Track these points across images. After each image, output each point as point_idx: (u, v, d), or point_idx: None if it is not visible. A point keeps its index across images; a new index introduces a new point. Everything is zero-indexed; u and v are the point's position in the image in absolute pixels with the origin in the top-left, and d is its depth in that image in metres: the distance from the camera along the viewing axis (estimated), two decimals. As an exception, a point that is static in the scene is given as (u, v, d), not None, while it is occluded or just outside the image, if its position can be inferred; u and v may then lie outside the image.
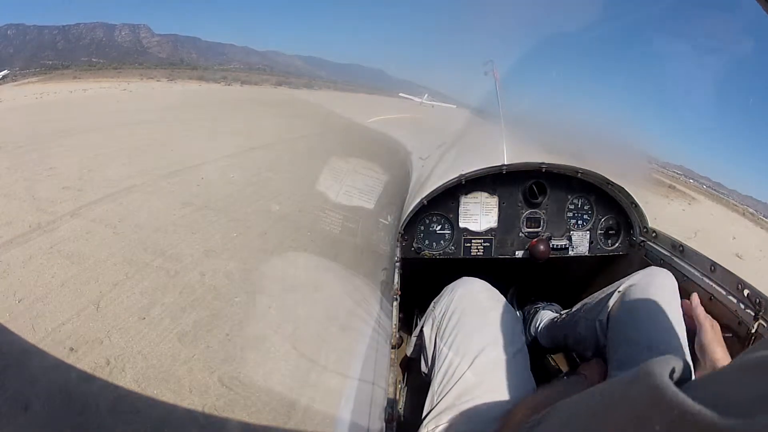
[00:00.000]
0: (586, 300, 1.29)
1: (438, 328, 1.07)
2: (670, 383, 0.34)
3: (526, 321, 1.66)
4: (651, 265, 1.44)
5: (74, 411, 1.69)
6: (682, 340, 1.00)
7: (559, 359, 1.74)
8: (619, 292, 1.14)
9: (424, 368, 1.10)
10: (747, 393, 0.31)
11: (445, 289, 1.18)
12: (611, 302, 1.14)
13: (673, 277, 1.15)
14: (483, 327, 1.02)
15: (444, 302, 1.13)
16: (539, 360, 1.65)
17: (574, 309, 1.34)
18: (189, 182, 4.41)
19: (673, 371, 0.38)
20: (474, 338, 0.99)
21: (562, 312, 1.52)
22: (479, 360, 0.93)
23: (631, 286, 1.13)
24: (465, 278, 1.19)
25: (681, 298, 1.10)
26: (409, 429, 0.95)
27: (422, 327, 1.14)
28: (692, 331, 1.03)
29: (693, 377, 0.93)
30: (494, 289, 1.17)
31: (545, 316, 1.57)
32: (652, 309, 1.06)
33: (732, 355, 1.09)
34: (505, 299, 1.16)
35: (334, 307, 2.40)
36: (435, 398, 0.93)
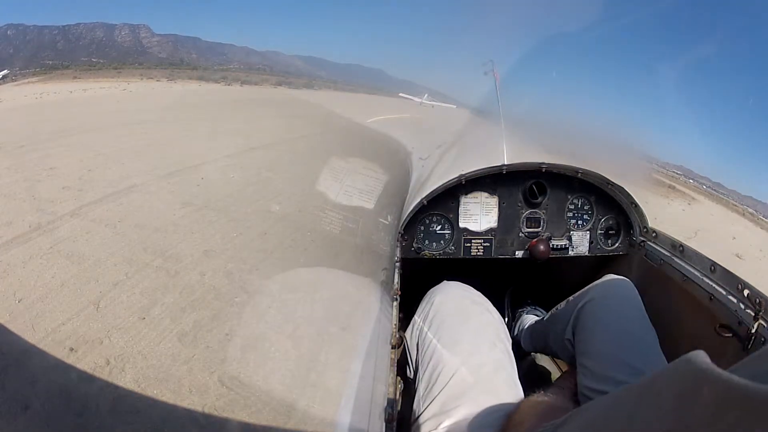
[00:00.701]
0: (552, 311, 1.30)
1: (419, 335, 1.07)
2: (713, 365, 0.34)
3: (513, 323, 1.67)
4: (651, 265, 1.44)
5: (74, 411, 1.69)
6: (650, 345, 1.00)
7: (543, 362, 1.75)
8: (580, 306, 1.14)
9: (409, 374, 1.10)
10: None
11: (426, 294, 1.18)
12: (574, 317, 1.14)
13: (632, 284, 1.16)
14: (464, 332, 1.02)
15: (424, 308, 1.13)
16: (528, 360, 1.66)
17: (545, 317, 1.34)
18: (189, 182, 4.41)
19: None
20: (455, 344, 0.99)
21: (538, 318, 1.52)
22: (462, 365, 0.93)
23: (590, 299, 1.13)
24: (445, 282, 1.19)
25: (681, 299, 1.09)
26: (409, 429, 0.95)
27: (405, 333, 1.14)
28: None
29: None
30: (475, 291, 1.17)
31: (528, 320, 1.58)
32: (614, 319, 1.06)
33: (732, 356, 1.09)
34: (488, 301, 1.16)
35: (334, 307, 2.40)
36: (421, 404, 0.93)
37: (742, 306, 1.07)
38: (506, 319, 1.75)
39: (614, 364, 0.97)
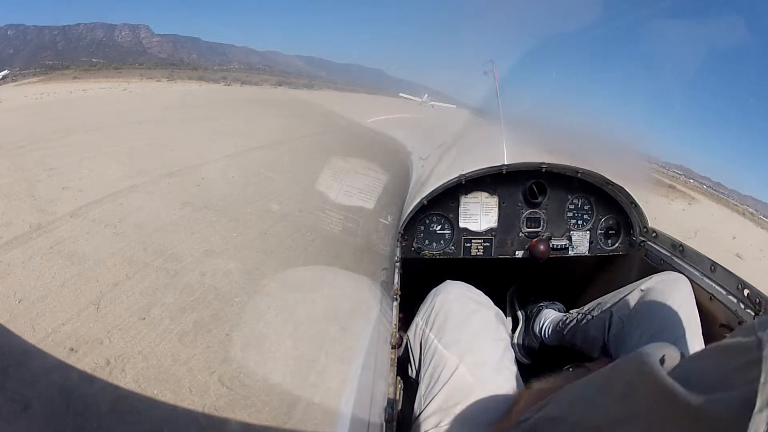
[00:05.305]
0: (599, 300, 1.30)
1: (422, 334, 1.08)
2: (656, 362, 0.38)
3: (529, 320, 1.66)
4: (651, 264, 1.44)
5: (74, 411, 1.69)
6: (697, 345, 1.01)
7: (563, 358, 1.74)
8: (635, 295, 1.15)
9: (411, 373, 1.11)
10: (714, 373, 0.36)
11: (428, 294, 1.19)
12: (627, 305, 1.15)
13: (689, 283, 1.16)
14: (465, 331, 1.02)
15: (426, 308, 1.13)
16: (541, 360, 1.65)
17: (585, 308, 1.34)
18: (189, 182, 4.41)
19: (664, 357, 0.43)
20: (456, 342, 0.99)
21: (571, 310, 1.51)
22: (462, 364, 0.94)
23: (648, 289, 1.14)
24: (447, 282, 1.19)
25: None
26: (409, 429, 0.95)
27: (407, 333, 1.15)
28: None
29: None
30: (477, 290, 1.17)
31: (549, 314, 1.58)
32: (668, 313, 1.06)
33: None
34: (490, 300, 1.16)
35: (334, 307, 2.40)
36: (422, 402, 0.93)
37: (742, 306, 1.07)
38: (509, 319, 1.75)
39: None
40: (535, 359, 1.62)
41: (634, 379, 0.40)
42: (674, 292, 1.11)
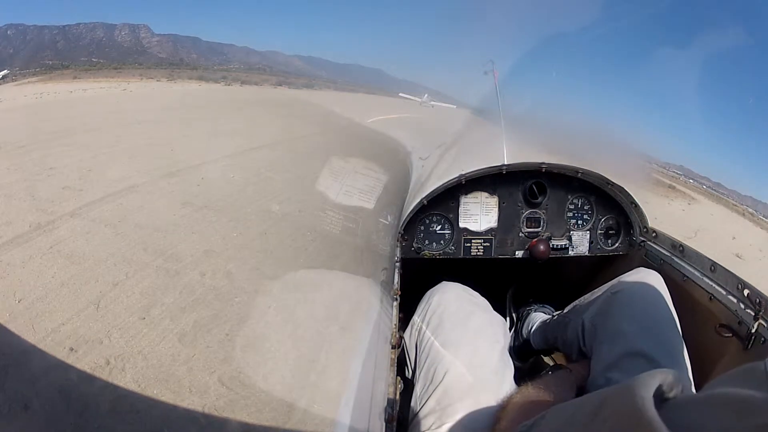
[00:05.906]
0: (575, 302, 1.29)
1: (418, 335, 1.08)
2: (650, 405, 0.36)
3: (520, 322, 1.66)
4: (652, 265, 1.44)
5: (74, 411, 1.69)
6: (672, 341, 1.00)
7: (551, 360, 1.74)
8: (606, 294, 1.14)
9: (407, 373, 1.11)
10: (718, 427, 0.33)
11: (425, 295, 1.19)
12: (599, 304, 1.13)
13: (662, 278, 1.15)
14: (461, 332, 1.02)
15: (423, 308, 1.13)
16: (532, 361, 1.65)
17: (565, 311, 1.34)
18: (189, 182, 4.41)
19: (660, 386, 0.40)
20: (453, 343, 0.99)
21: (554, 313, 1.52)
22: (459, 364, 0.94)
23: (619, 288, 1.12)
24: (444, 283, 1.19)
25: (681, 299, 1.09)
26: (407, 429, 0.95)
27: (403, 334, 1.15)
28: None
29: (691, 382, 0.92)
30: (474, 292, 1.17)
31: (537, 317, 1.58)
32: (640, 310, 1.05)
33: (732, 356, 1.09)
34: (486, 302, 1.16)
35: (334, 307, 2.40)
36: (418, 403, 0.93)
37: (742, 306, 1.07)
38: (507, 319, 1.75)
39: (631, 351, 0.96)
40: (526, 361, 1.62)
41: (623, 411, 0.39)
42: (644, 289, 1.09)
